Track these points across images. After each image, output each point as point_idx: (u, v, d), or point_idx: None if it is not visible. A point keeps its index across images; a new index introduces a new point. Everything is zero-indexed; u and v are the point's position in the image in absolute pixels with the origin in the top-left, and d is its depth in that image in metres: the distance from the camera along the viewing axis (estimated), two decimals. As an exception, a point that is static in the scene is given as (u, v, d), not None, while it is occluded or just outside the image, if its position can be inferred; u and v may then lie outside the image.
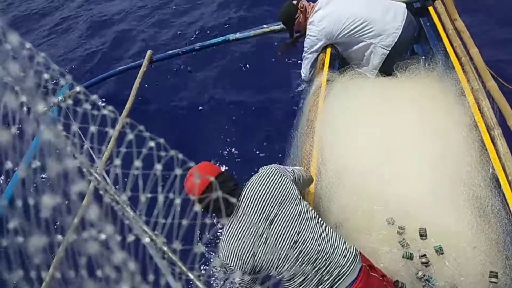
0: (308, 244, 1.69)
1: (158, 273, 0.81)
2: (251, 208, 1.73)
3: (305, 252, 1.68)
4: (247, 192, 1.77)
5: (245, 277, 1.71)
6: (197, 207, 1.55)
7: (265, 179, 1.80)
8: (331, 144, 2.55)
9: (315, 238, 1.70)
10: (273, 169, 1.84)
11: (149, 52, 3.90)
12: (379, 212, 2.08)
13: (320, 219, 1.80)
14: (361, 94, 2.76)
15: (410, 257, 1.88)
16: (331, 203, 2.26)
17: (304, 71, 3.37)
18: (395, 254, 1.93)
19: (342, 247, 1.72)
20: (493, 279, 1.75)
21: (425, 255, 1.85)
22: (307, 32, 3.18)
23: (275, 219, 1.72)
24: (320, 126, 2.69)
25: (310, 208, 1.81)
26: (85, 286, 0.48)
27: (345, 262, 1.69)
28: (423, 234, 1.92)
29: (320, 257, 1.68)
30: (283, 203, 1.75)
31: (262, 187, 1.77)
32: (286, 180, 1.81)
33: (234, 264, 1.68)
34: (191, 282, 0.82)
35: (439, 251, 1.85)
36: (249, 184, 1.81)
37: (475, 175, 2.12)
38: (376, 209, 2.09)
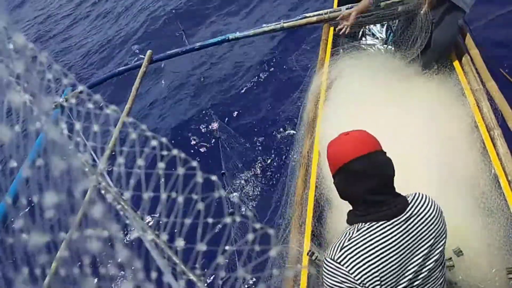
0: None
1: (160, 273, 0.81)
2: (417, 230, 1.36)
3: None
4: (416, 206, 1.39)
5: None
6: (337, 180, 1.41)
7: (435, 209, 1.41)
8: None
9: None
10: (438, 207, 1.44)
11: (149, 52, 3.89)
12: None
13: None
14: (363, 95, 2.76)
15: None
16: (333, 206, 2.27)
17: None
18: None
19: None
20: (511, 275, 1.75)
21: (450, 258, 1.79)
22: None
23: (425, 261, 1.38)
24: (321, 127, 2.70)
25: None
26: (87, 283, 0.48)
27: None
28: None
29: None
30: (437, 247, 1.40)
31: (433, 215, 1.39)
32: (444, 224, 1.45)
33: (360, 280, 1.31)
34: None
35: (459, 252, 1.81)
36: (419, 200, 1.41)
37: (480, 175, 2.13)
38: None
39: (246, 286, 1.77)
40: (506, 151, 2.17)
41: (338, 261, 1.34)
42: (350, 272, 1.31)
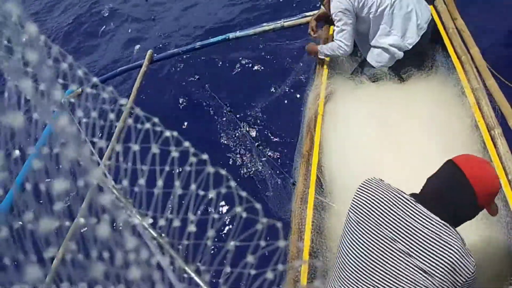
0: None
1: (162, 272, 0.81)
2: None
3: None
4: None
5: None
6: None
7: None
8: (332, 152, 2.55)
9: None
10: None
11: (149, 51, 3.89)
12: None
13: None
14: (362, 94, 2.77)
15: None
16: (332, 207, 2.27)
17: (344, 44, 2.94)
18: None
19: None
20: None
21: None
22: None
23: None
24: (321, 127, 2.70)
25: None
26: (94, 270, 0.48)
27: None
28: None
29: None
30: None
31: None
32: None
33: None
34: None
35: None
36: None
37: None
38: None
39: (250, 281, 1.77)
40: (507, 150, 2.17)
41: (366, 181, 1.54)
42: (357, 192, 1.52)
